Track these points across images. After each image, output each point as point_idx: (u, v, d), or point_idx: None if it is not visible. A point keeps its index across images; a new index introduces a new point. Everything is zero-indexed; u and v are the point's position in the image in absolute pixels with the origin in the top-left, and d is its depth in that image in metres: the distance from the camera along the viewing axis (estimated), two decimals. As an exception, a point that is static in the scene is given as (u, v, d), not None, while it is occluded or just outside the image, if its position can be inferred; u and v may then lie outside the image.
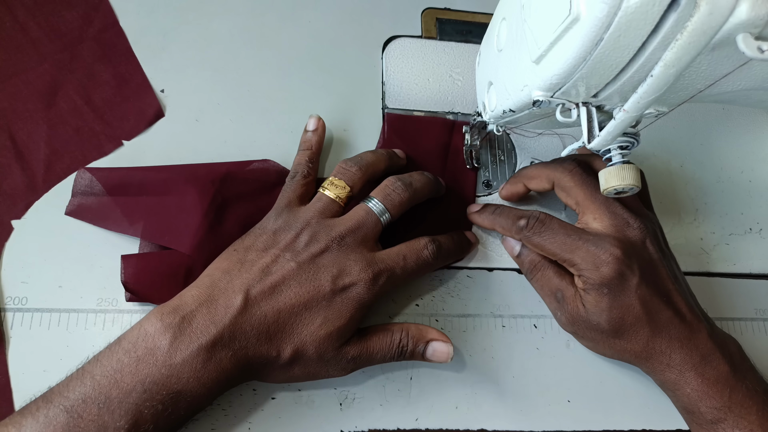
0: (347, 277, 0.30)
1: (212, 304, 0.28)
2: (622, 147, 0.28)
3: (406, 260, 0.32)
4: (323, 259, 0.30)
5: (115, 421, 0.25)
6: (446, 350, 0.32)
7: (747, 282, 0.40)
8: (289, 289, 0.29)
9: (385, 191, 0.34)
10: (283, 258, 0.30)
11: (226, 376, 0.28)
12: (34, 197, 0.35)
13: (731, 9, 0.18)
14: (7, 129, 0.37)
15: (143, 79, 0.39)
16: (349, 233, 0.31)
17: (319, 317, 0.29)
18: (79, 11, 0.40)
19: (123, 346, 0.27)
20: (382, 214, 0.33)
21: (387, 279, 0.31)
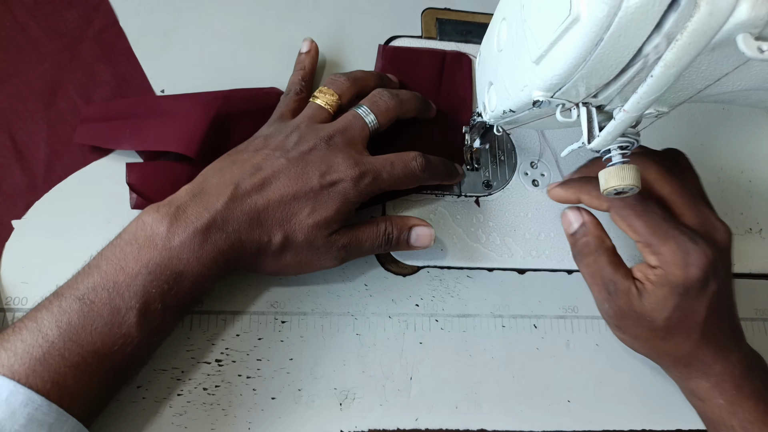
0: (334, 173, 0.32)
1: (204, 195, 0.30)
2: (622, 147, 0.28)
3: (393, 166, 0.33)
4: (312, 156, 0.32)
5: (126, 302, 0.27)
6: (428, 233, 0.34)
7: (747, 282, 0.40)
8: (279, 182, 0.31)
9: (372, 99, 0.35)
10: (273, 156, 0.32)
11: (224, 256, 0.29)
12: (34, 197, 0.35)
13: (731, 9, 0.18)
14: (7, 129, 0.37)
15: (143, 80, 0.39)
16: (337, 133, 0.33)
17: (307, 207, 0.31)
18: (79, 11, 0.40)
19: (123, 238, 0.28)
20: (369, 117, 0.34)
21: (372, 180, 0.32)
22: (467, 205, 0.39)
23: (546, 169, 0.41)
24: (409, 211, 0.39)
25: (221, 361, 0.33)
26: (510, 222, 0.39)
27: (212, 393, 0.32)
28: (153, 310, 0.27)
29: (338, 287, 0.36)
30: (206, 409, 0.32)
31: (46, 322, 0.26)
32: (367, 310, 0.36)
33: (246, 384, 0.33)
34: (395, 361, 0.35)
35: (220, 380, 0.33)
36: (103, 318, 0.26)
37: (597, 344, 0.37)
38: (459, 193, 0.40)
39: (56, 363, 0.25)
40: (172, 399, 0.32)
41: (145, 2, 0.41)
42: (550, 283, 0.38)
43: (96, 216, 0.35)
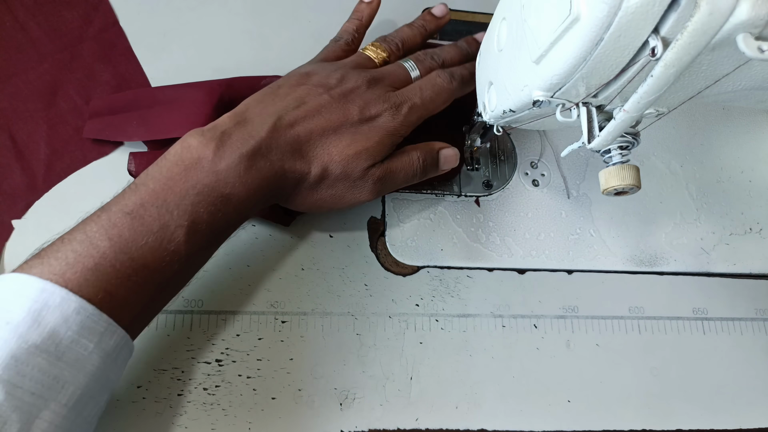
0: (373, 108, 0.33)
1: (248, 123, 0.30)
2: (622, 147, 0.28)
3: (422, 90, 0.34)
4: (353, 95, 0.33)
5: (175, 220, 0.27)
6: (454, 153, 0.36)
7: (747, 282, 0.40)
8: (321, 116, 0.31)
9: (418, 57, 0.37)
10: (316, 91, 0.32)
11: (267, 183, 0.30)
12: (34, 197, 0.35)
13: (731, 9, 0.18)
14: (8, 129, 0.37)
15: (143, 79, 0.39)
16: (380, 78, 0.34)
17: (347, 138, 0.32)
18: (79, 11, 0.40)
19: (169, 159, 0.28)
20: (413, 72, 0.36)
21: (409, 109, 0.33)
22: (467, 205, 0.39)
23: (546, 169, 0.41)
24: (409, 211, 0.39)
25: (221, 361, 0.33)
26: (510, 222, 0.39)
27: (212, 393, 0.32)
28: (200, 230, 0.28)
29: (338, 287, 0.36)
30: (206, 409, 0.32)
31: (97, 234, 0.25)
32: (367, 310, 0.36)
33: (246, 384, 0.33)
34: (395, 361, 0.35)
35: (220, 380, 0.33)
36: (153, 233, 0.26)
37: (597, 344, 0.37)
38: (459, 193, 0.40)
39: (107, 274, 0.25)
40: (173, 399, 0.32)
41: (145, 2, 0.41)
42: (550, 283, 0.38)
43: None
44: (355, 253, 0.37)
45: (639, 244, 0.40)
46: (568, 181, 0.41)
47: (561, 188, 0.41)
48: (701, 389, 0.37)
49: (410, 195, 0.39)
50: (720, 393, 0.37)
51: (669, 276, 0.40)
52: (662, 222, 0.41)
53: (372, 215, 0.38)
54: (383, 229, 0.38)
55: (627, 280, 0.39)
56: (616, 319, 0.38)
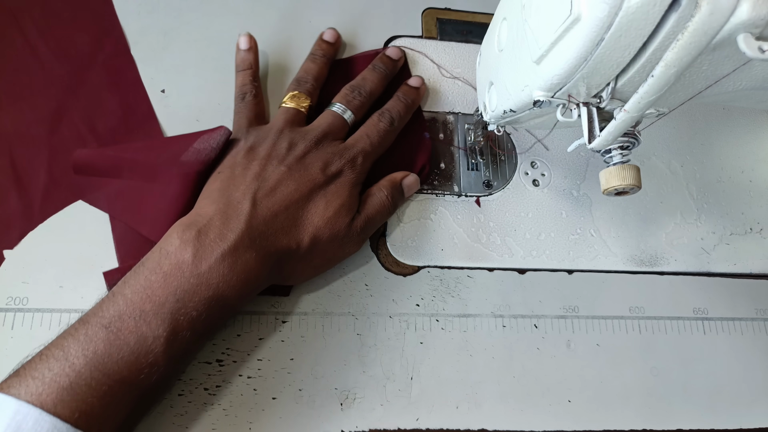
0: (333, 165, 0.33)
1: (223, 214, 0.30)
2: (622, 147, 0.28)
3: (369, 137, 0.36)
4: (307, 159, 0.33)
5: (153, 330, 0.26)
6: (413, 179, 0.38)
7: (747, 282, 0.40)
8: (288, 187, 0.32)
9: (345, 98, 0.37)
10: (271, 165, 0.32)
11: (255, 275, 0.29)
12: (28, 226, 0.34)
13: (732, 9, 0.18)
14: (9, 153, 0.35)
15: (149, 110, 0.38)
16: (323, 136, 0.34)
17: (322, 201, 0.32)
18: (90, 35, 0.39)
19: (148, 266, 0.28)
20: (346, 114, 0.36)
21: (363, 157, 0.35)
22: (467, 205, 0.39)
23: (546, 169, 0.41)
24: (409, 210, 0.38)
25: (222, 361, 0.33)
26: (510, 222, 0.39)
27: (213, 393, 0.32)
28: (181, 338, 0.27)
29: (339, 287, 0.36)
30: (207, 409, 0.32)
31: (72, 351, 0.25)
32: (368, 310, 0.36)
33: (247, 384, 0.33)
34: (396, 361, 0.35)
35: (221, 380, 0.33)
36: (129, 346, 0.26)
37: (598, 344, 0.37)
38: (459, 193, 0.40)
39: (83, 392, 0.25)
40: (173, 399, 0.32)
41: (145, 2, 0.41)
42: (551, 283, 0.38)
43: (98, 218, 0.35)
44: (356, 253, 0.37)
45: (639, 244, 0.40)
46: (568, 181, 0.41)
47: (562, 188, 0.41)
48: (701, 389, 0.37)
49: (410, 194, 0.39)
50: (720, 393, 0.37)
51: (669, 276, 0.40)
52: (662, 222, 0.41)
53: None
54: (383, 229, 0.38)
55: (627, 280, 0.39)
56: (616, 319, 0.38)
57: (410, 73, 0.42)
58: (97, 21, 0.40)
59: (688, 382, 0.37)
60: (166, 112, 0.38)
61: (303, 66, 0.39)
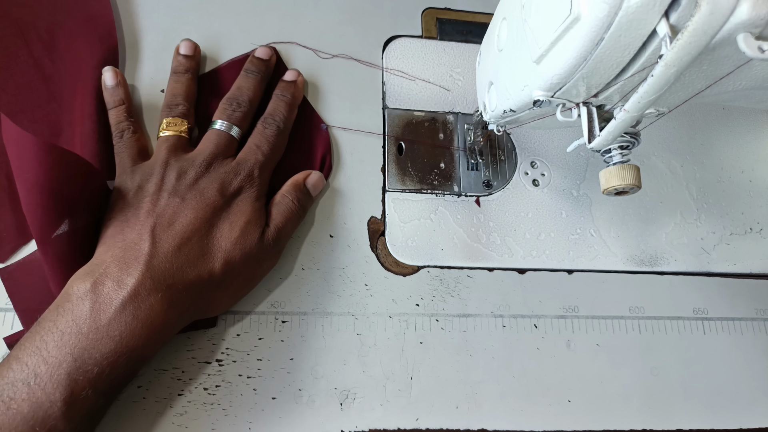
0: (230, 185, 0.32)
1: (120, 259, 0.28)
2: (622, 147, 0.28)
3: (260, 147, 0.35)
4: (201, 184, 0.32)
5: (49, 395, 0.24)
6: (317, 177, 0.37)
7: (747, 282, 0.40)
8: (186, 217, 0.30)
9: (225, 112, 0.35)
10: (163, 198, 0.31)
11: (163, 319, 0.27)
12: (21, 241, 0.34)
13: (732, 9, 0.18)
14: (4, 167, 0.35)
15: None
16: (212, 158, 0.33)
17: (226, 224, 0.31)
18: (94, 50, 0.38)
19: (43, 325, 0.26)
20: (230, 129, 0.35)
21: (260, 169, 0.34)
22: (467, 205, 0.39)
23: (546, 169, 0.41)
24: (409, 210, 0.39)
25: (222, 361, 0.33)
26: (510, 222, 0.39)
27: (213, 393, 0.32)
28: (82, 398, 0.25)
29: (338, 287, 0.36)
30: (207, 409, 0.32)
31: None
32: (368, 309, 0.36)
33: (246, 384, 0.33)
34: (396, 361, 0.35)
35: (220, 380, 0.33)
36: (23, 415, 0.24)
37: (597, 344, 0.37)
38: (459, 193, 0.40)
39: None
40: (173, 399, 0.32)
41: (145, 2, 0.41)
42: (551, 283, 0.38)
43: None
44: (355, 253, 0.37)
45: (639, 244, 0.40)
46: (568, 180, 0.41)
47: (562, 188, 0.41)
48: (701, 389, 0.37)
49: (410, 195, 0.39)
50: (720, 393, 0.37)
51: (669, 276, 0.40)
52: (662, 222, 0.41)
53: (372, 215, 0.38)
54: (383, 229, 0.38)
55: (627, 280, 0.39)
56: (616, 319, 0.38)
57: (287, 69, 0.40)
58: (101, 36, 0.39)
59: (688, 382, 0.37)
60: (166, 112, 0.38)
61: (168, 88, 0.37)
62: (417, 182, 0.40)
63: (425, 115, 0.41)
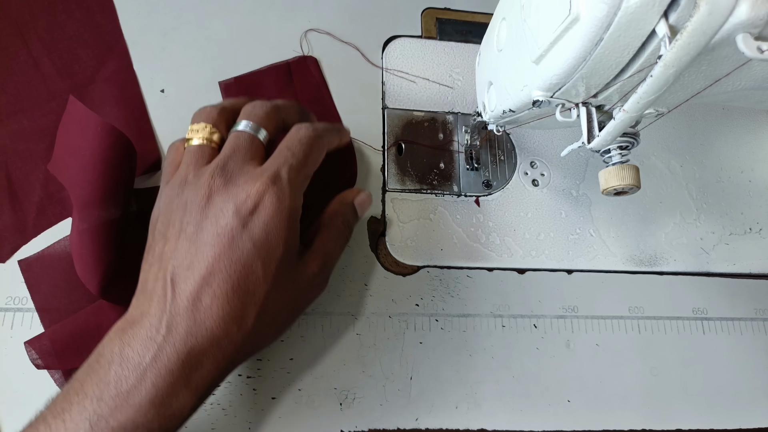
0: (248, 199, 0.26)
1: (144, 315, 0.25)
2: (622, 147, 0.28)
3: (291, 149, 0.29)
4: (214, 204, 0.26)
5: None
6: (365, 196, 0.34)
7: (747, 282, 0.40)
8: (203, 256, 0.25)
9: (246, 111, 0.30)
10: (172, 234, 0.26)
11: (212, 380, 0.26)
12: (21, 241, 0.34)
13: (731, 9, 0.18)
14: (5, 166, 0.35)
15: (147, 126, 0.38)
16: (227, 160, 0.27)
17: (255, 261, 0.26)
18: (94, 50, 0.39)
19: (73, 384, 0.24)
20: (254, 130, 0.29)
21: (288, 173, 0.27)
22: (467, 205, 0.39)
23: (546, 169, 0.41)
24: (409, 210, 0.39)
25: (221, 360, 0.33)
26: (510, 222, 0.39)
27: (213, 393, 0.32)
28: None
29: (338, 287, 0.36)
30: (206, 408, 0.32)
31: None
32: (367, 309, 0.36)
33: (246, 384, 0.33)
34: (395, 361, 0.35)
35: (220, 380, 0.33)
36: None
37: (597, 344, 0.37)
38: (459, 193, 0.40)
39: None
40: (173, 399, 0.32)
41: (145, 2, 0.41)
42: (550, 283, 0.38)
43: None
44: (355, 253, 0.37)
45: (639, 244, 0.40)
46: (568, 181, 0.41)
47: (561, 188, 0.41)
48: (701, 389, 0.37)
49: (410, 195, 0.39)
50: (720, 393, 0.37)
51: (669, 276, 0.40)
52: (662, 222, 0.41)
53: (372, 215, 0.38)
54: (383, 229, 0.38)
55: (627, 280, 0.39)
56: (616, 319, 0.38)
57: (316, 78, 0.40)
58: (101, 36, 0.40)
59: (688, 382, 0.37)
60: (166, 112, 0.38)
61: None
62: (417, 182, 0.40)
63: (425, 115, 0.41)
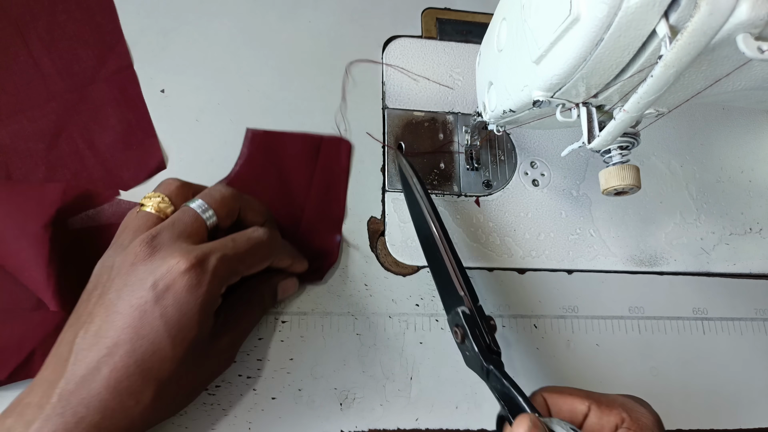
0: (168, 275, 0.25)
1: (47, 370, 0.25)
2: (622, 147, 0.28)
3: (235, 240, 0.28)
4: (136, 273, 0.25)
5: None
6: (290, 283, 0.33)
7: (747, 282, 0.40)
8: (113, 326, 0.24)
9: (205, 192, 0.29)
10: (94, 296, 0.26)
11: None
12: None
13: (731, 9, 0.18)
14: (5, 166, 0.35)
15: (149, 127, 0.38)
16: (162, 230, 0.26)
17: (164, 339, 0.25)
18: (94, 50, 0.39)
19: None
20: (202, 209, 0.28)
21: (217, 261, 0.26)
22: (467, 205, 0.39)
23: (546, 169, 0.41)
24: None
25: (221, 361, 0.33)
26: (510, 222, 0.39)
27: (212, 393, 0.32)
28: None
29: (338, 287, 0.36)
30: (206, 409, 0.32)
31: None
32: (367, 309, 0.36)
33: (246, 384, 0.33)
34: (395, 361, 0.35)
35: (220, 380, 0.33)
36: None
37: (597, 344, 0.37)
38: (459, 193, 0.40)
39: None
40: (173, 399, 0.32)
41: (145, 2, 0.41)
42: (550, 283, 0.38)
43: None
44: (355, 253, 0.37)
45: (639, 244, 0.40)
46: (568, 181, 0.41)
47: (561, 188, 0.41)
48: (701, 389, 0.37)
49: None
50: (720, 393, 0.37)
51: (669, 276, 0.40)
52: (662, 222, 0.41)
53: (372, 215, 0.38)
54: (383, 229, 0.38)
55: (627, 280, 0.39)
56: (616, 319, 0.38)
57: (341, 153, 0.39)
58: (101, 36, 0.40)
59: (688, 382, 0.37)
60: (166, 112, 0.38)
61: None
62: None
63: (425, 115, 0.41)
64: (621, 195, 0.29)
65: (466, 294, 0.30)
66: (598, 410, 0.27)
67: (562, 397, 0.28)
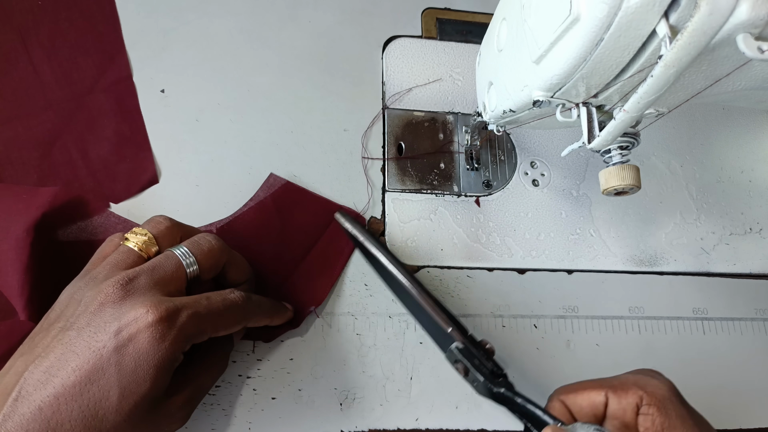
0: (133, 324, 0.24)
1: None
2: (622, 147, 0.28)
3: (210, 299, 0.27)
4: (103, 315, 0.24)
5: None
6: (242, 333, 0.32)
7: (747, 282, 0.40)
8: (66, 366, 0.23)
9: (194, 239, 0.29)
10: (55, 328, 0.25)
11: None
12: None
13: (731, 9, 0.18)
14: None
15: (144, 141, 0.37)
16: (141, 274, 0.26)
17: (114, 389, 0.23)
18: (94, 59, 0.39)
19: None
20: (185, 257, 0.27)
21: (188, 317, 0.25)
22: (467, 205, 0.39)
23: (546, 169, 0.41)
24: (409, 210, 0.38)
25: (221, 361, 0.33)
26: (510, 222, 0.39)
27: (212, 393, 0.32)
28: None
29: (338, 287, 0.36)
30: (206, 409, 0.32)
31: None
32: (368, 310, 0.36)
33: (246, 384, 0.33)
34: (395, 361, 0.35)
35: (220, 380, 0.33)
36: None
37: (597, 344, 0.37)
38: (459, 193, 0.40)
39: None
40: (173, 399, 0.32)
41: (145, 2, 0.41)
42: (550, 283, 0.38)
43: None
44: (355, 253, 0.37)
45: (639, 244, 0.40)
46: (568, 181, 0.41)
47: (561, 188, 0.41)
48: (701, 389, 0.37)
49: (410, 195, 0.39)
50: (720, 393, 0.37)
51: (669, 276, 0.40)
52: (662, 222, 0.41)
53: (372, 215, 0.38)
54: (383, 229, 0.38)
55: (627, 280, 0.39)
56: (616, 319, 0.38)
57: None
58: (102, 45, 0.39)
59: (688, 382, 0.37)
60: (166, 112, 0.38)
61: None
62: (417, 182, 0.40)
63: (425, 115, 0.41)
64: (621, 195, 0.29)
65: (454, 329, 0.30)
66: (615, 396, 0.27)
67: (578, 394, 0.29)
